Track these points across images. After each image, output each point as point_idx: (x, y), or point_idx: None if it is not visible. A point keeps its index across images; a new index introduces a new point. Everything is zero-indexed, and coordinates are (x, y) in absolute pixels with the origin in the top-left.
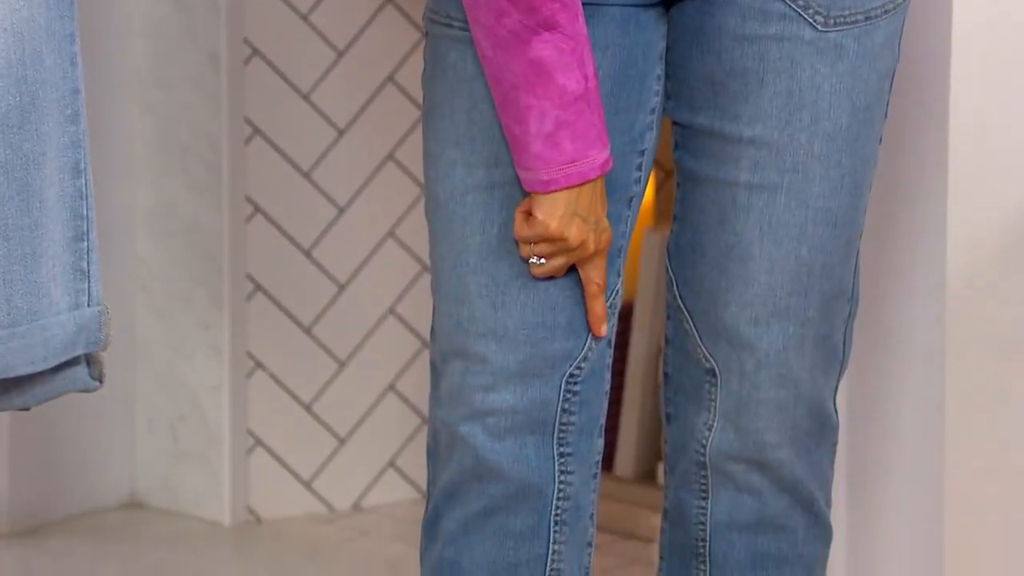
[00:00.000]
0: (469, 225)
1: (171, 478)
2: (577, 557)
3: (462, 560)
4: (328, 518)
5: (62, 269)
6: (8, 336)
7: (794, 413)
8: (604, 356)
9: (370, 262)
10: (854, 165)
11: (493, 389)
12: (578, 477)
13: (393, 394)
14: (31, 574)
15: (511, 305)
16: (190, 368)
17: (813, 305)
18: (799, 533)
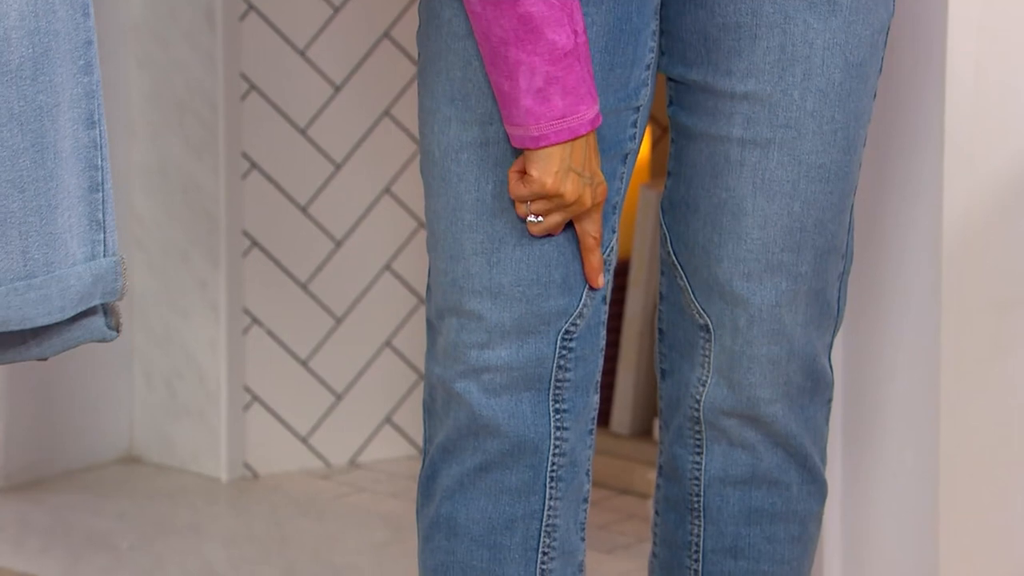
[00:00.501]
0: (464, 182)
1: (168, 434)
2: (573, 513)
3: (458, 516)
4: (324, 474)
5: (78, 220)
6: (25, 287)
7: (787, 368)
8: (599, 312)
9: (366, 218)
10: (847, 121)
11: (488, 346)
12: (574, 433)
13: (389, 350)
14: (28, 528)
15: (506, 262)
16: (187, 325)
17: (806, 261)
18: (793, 489)
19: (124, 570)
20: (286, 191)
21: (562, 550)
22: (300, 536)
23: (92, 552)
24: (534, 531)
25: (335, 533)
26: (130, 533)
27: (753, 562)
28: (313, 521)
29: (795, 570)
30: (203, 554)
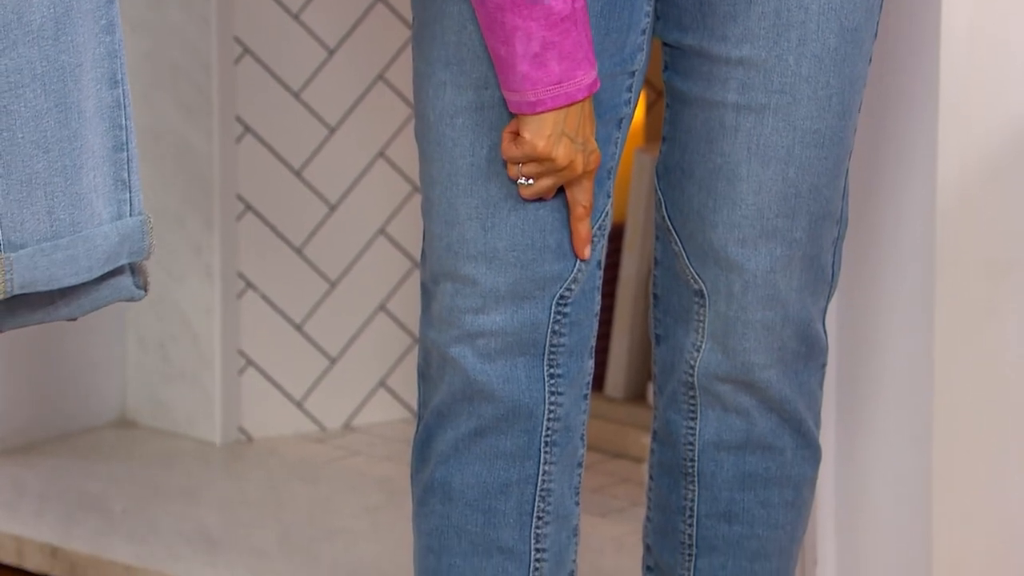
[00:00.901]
0: (459, 147)
1: (162, 397)
2: (568, 478)
3: (453, 480)
4: (319, 437)
5: (103, 180)
6: (52, 248)
7: (781, 334)
8: (594, 278)
9: (361, 182)
10: (842, 87)
11: (483, 311)
12: (568, 398)
13: (384, 314)
14: (22, 492)
15: (501, 227)
16: (181, 289)
17: (800, 226)
18: (787, 454)
19: (118, 533)
20: (280, 155)
21: (556, 514)
22: (294, 500)
23: (86, 515)
24: (529, 495)
25: (329, 496)
26: (124, 496)
27: (747, 526)
28: (307, 484)
29: (789, 535)
30: (197, 518)
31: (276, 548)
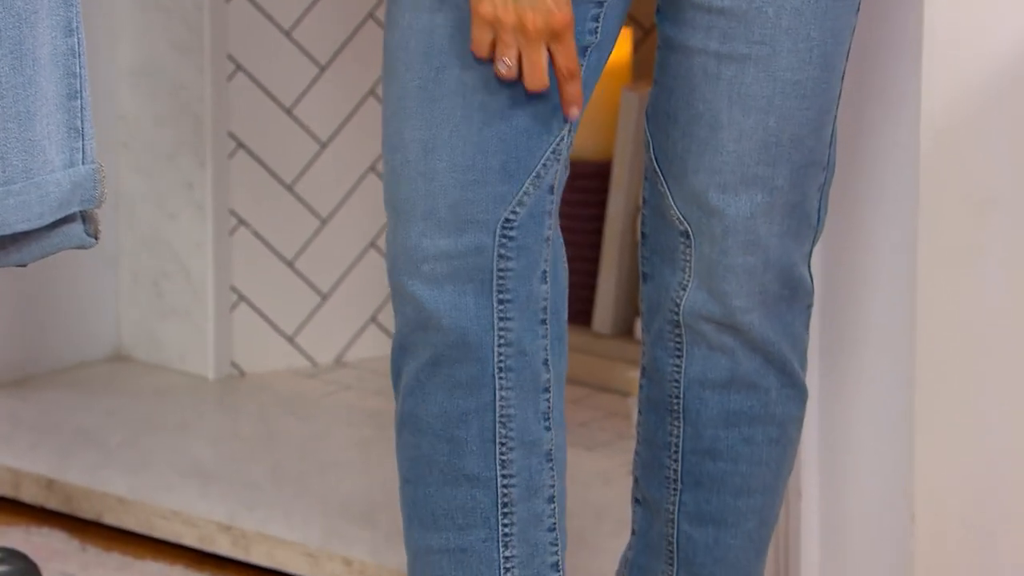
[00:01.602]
0: (410, 71)
1: (156, 333)
2: (531, 403)
3: (419, 412)
4: (311, 372)
5: (56, 127)
6: (4, 194)
7: (763, 278)
8: (544, 202)
9: (351, 121)
10: (824, 39)
11: (426, 235)
12: (520, 323)
13: (374, 250)
14: (18, 425)
15: (442, 148)
16: (173, 226)
17: (782, 175)
18: (772, 393)
19: (113, 466)
20: (271, 93)
21: (521, 440)
22: (286, 433)
23: (81, 448)
24: (488, 423)
25: (321, 430)
26: (119, 430)
27: (731, 463)
28: (299, 419)
29: (774, 471)
30: (191, 451)
31: (268, 480)
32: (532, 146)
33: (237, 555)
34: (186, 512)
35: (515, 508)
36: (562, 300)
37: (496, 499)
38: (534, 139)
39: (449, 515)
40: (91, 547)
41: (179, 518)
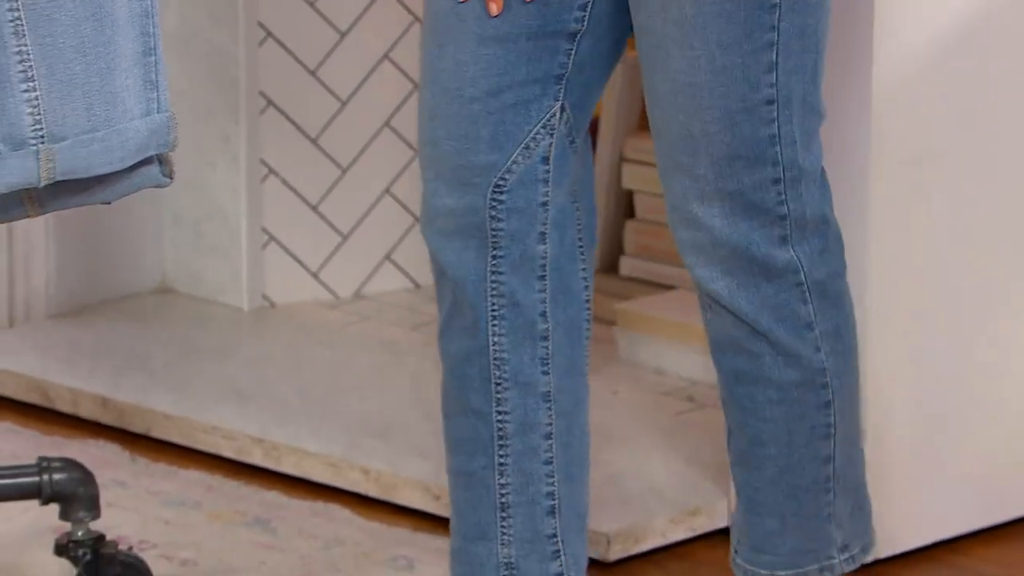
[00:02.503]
0: (425, 50)
1: (196, 269)
2: (528, 349)
3: (444, 351)
4: (333, 304)
5: (134, 80)
6: (90, 140)
7: (715, 254)
8: (535, 171)
9: (368, 80)
10: (709, 50)
11: (436, 194)
12: (513, 278)
13: (389, 196)
14: (76, 349)
15: (442, 117)
16: (212, 174)
17: (703, 164)
18: (765, 358)
19: (159, 387)
20: (297, 56)
21: (515, 381)
22: (312, 359)
23: (132, 371)
24: (485, 364)
25: (343, 356)
26: (164, 354)
27: (741, 415)
28: (323, 346)
29: (783, 427)
30: (228, 373)
31: (296, 399)
32: (519, 120)
33: (269, 465)
34: (224, 427)
35: (510, 441)
36: (569, 259)
37: (493, 432)
38: (521, 114)
39: (460, 442)
40: (140, 458)
41: (218, 432)
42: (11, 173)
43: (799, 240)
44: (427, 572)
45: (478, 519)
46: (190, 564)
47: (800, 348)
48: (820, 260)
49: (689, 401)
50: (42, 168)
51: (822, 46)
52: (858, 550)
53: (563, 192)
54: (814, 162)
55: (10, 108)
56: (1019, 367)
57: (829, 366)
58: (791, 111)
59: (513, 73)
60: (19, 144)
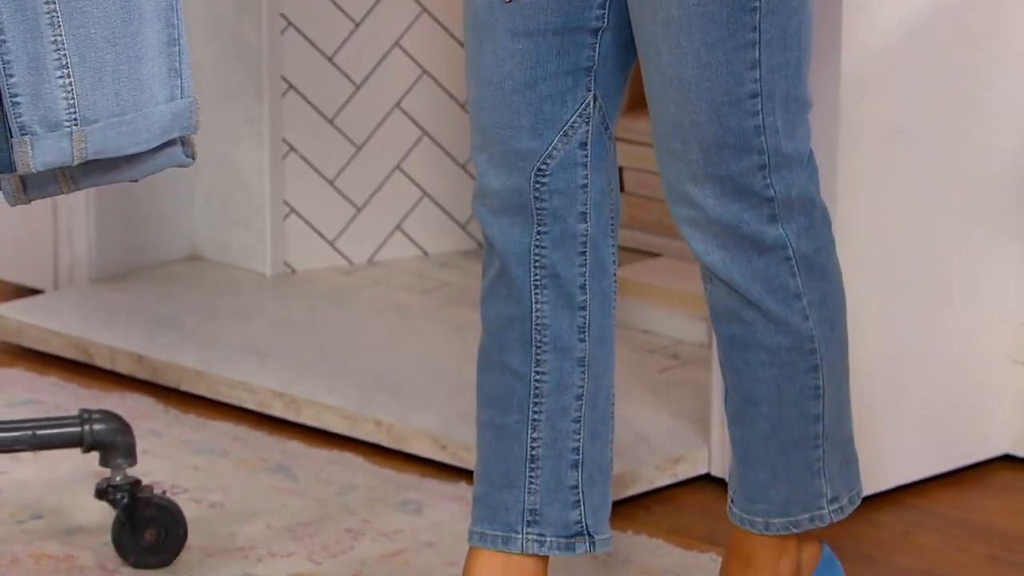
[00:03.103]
0: (467, 43)
1: (223, 238)
2: (567, 317)
3: (486, 315)
4: (348, 270)
5: (159, 69)
6: (119, 123)
7: (708, 230)
8: (574, 155)
9: (380, 66)
10: (694, 47)
11: (487, 176)
12: (556, 253)
13: (399, 172)
14: (115, 311)
15: (488, 109)
16: (238, 152)
17: (693, 151)
18: (757, 325)
19: (188, 344)
20: (316, 44)
21: (554, 346)
22: (329, 320)
23: (164, 330)
24: (527, 329)
25: (357, 318)
26: (194, 316)
27: (736, 377)
28: (339, 308)
29: (775, 388)
30: (251, 334)
31: (314, 357)
32: (557, 110)
33: (289, 417)
34: (248, 382)
35: (544, 400)
36: (603, 236)
37: (529, 391)
38: (558, 104)
39: (495, 398)
40: (172, 410)
41: (242, 387)
42: (47, 153)
43: (787, 219)
44: (434, 515)
45: (507, 469)
46: (217, 506)
47: (789, 317)
48: (807, 237)
49: (674, 359)
50: (75, 148)
51: (805, 44)
52: (846, 501)
53: (601, 175)
54: (799, 148)
55: (46, 93)
56: (976, 328)
57: (816, 333)
58: (774, 104)
59: (545, 66)
60: (54, 126)
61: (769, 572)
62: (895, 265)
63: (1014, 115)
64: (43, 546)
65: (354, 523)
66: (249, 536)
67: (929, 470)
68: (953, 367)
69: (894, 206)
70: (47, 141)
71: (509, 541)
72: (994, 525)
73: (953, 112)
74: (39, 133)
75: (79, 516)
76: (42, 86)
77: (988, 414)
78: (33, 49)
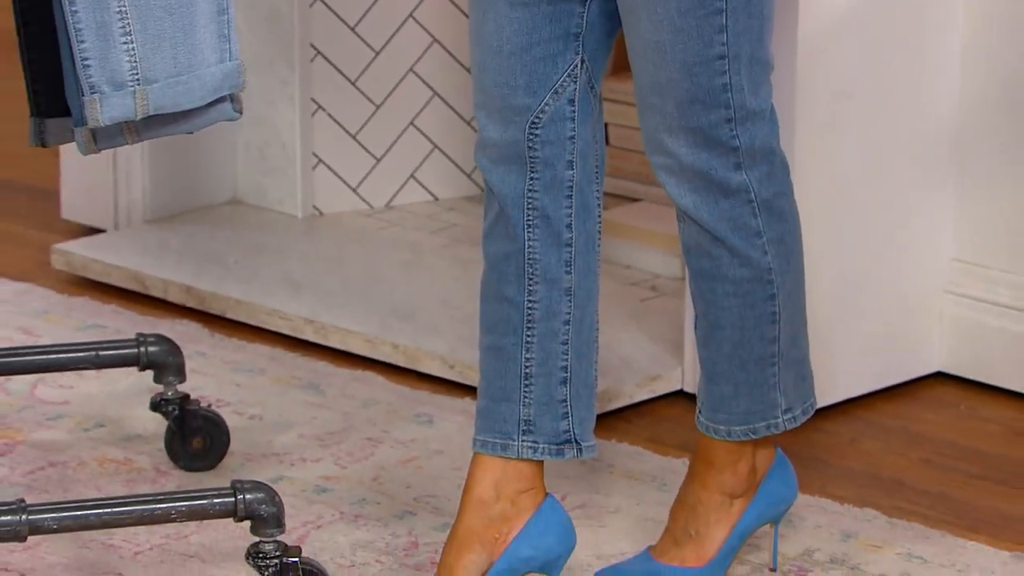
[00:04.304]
0: (472, 12)
1: (261, 184)
2: (555, 253)
3: (487, 251)
4: (368, 213)
5: (210, 35)
6: (176, 82)
7: (681, 176)
8: (563, 111)
9: (397, 35)
10: (671, 15)
11: (487, 128)
12: (545, 196)
13: (413, 127)
14: (167, 248)
15: (488, 70)
16: (273, 110)
17: (669, 106)
18: (723, 260)
19: (231, 277)
20: (340, 16)
21: (544, 278)
22: (352, 256)
23: (209, 265)
24: (521, 262)
25: (376, 254)
26: (235, 252)
27: (704, 305)
28: (361, 245)
29: (737, 314)
30: (285, 268)
31: (340, 289)
32: (548, 71)
33: (319, 340)
34: (282, 310)
35: (536, 325)
36: (589, 182)
37: (523, 317)
38: (549, 66)
39: (494, 324)
40: (217, 334)
41: (278, 314)
42: (114, 109)
43: (750, 166)
44: (443, 426)
45: (504, 385)
46: (256, 418)
47: (750, 252)
48: (767, 182)
49: (652, 290)
50: (138, 105)
51: (767, 13)
52: (799, 412)
53: (587, 128)
54: (762, 104)
55: (112, 57)
56: (915, 263)
57: (774, 267)
58: (740, 64)
59: (539, 32)
60: (120, 86)
61: (730, 472)
62: (845, 208)
63: (948, 78)
64: (105, 451)
65: (374, 433)
66: (283, 443)
67: (873, 385)
68: (895, 296)
69: (844, 156)
70: (113, 99)
71: (507, 448)
72: (928, 433)
73: (895, 74)
74: (106, 92)
75: (136, 426)
76: (109, 51)
77: (924, 337)
78: (101, 18)
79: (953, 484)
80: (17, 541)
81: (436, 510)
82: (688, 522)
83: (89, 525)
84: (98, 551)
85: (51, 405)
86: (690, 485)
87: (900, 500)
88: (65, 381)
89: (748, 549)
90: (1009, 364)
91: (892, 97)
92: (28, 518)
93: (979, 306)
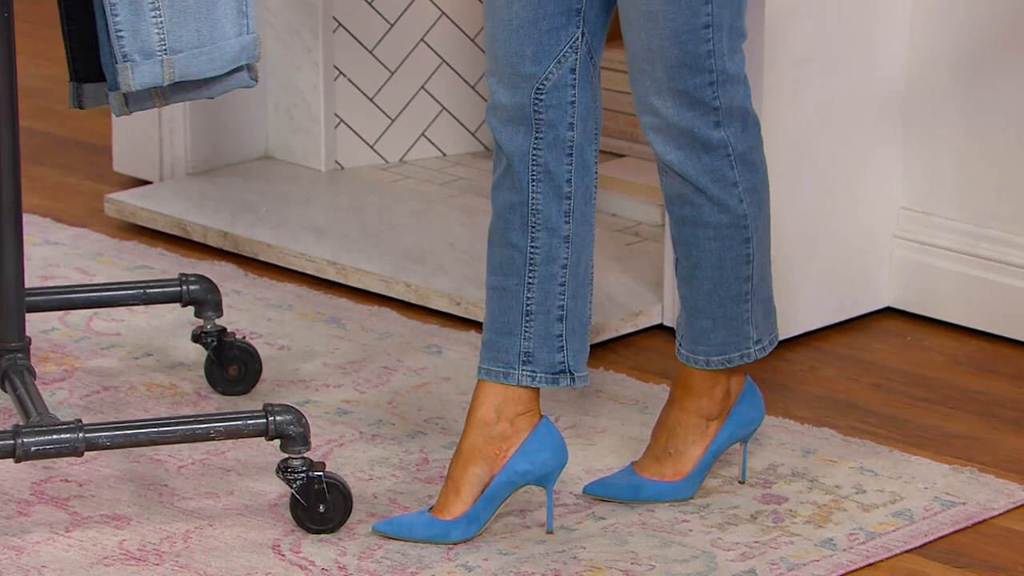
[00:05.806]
0: None
1: (288, 142)
2: (555, 204)
3: (495, 201)
4: (384, 167)
5: (230, 11)
6: (199, 52)
7: (667, 135)
8: (567, 79)
9: (409, 8)
10: None
11: (497, 92)
12: (548, 154)
13: (424, 91)
14: (205, 199)
15: (500, 41)
16: (299, 75)
17: (659, 69)
18: (704, 207)
19: (263, 224)
20: None
21: (546, 227)
22: (369, 205)
23: (244, 213)
24: (525, 212)
25: (391, 204)
26: (266, 202)
27: (686, 248)
28: (377, 196)
29: (716, 255)
30: (310, 216)
31: (358, 234)
32: (552, 42)
33: (340, 280)
34: (308, 253)
35: (537, 268)
36: (587, 142)
37: (525, 260)
38: (554, 38)
39: (499, 266)
40: (250, 274)
41: (304, 257)
42: (144, 75)
43: (727, 124)
44: (451, 356)
45: (507, 320)
46: (285, 348)
47: (728, 200)
48: (742, 138)
49: (635, 236)
50: (165, 72)
51: None
52: (767, 343)
53: (587, 94)
54: (738, 69)
55: (143, 29)
56: (867, 210)
57: (749, 213)
58: (722, 33)
59: (545, 7)
60: (149, 55)
61: (706, 396)
62: (806, 160)
63: (897, 45)
64: (153, 377)
65: (389, 362)
66: (309, 371)
67: (829, 319)
68: (849, 239)
69: (804, 115)
70: (144, 67)
71: (508, 376)
72: (878, 361)
73: (850, 42)
74: (137, 60)
75: (179, 355)
76: (139, 23)
77: (875, 276)
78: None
79: (900, 406)
80: (75, 456)
81: (444, 430)
82: (668, 441)
83: (138, 442)
84: (147, 465)
85: (104, 336)
86: (670, 408)
87: (853, 420)
88: (117, 315)
89: (720, 465)
90: (950, 300)
91: (847, 62)
92: (85, 436)
93: (924, 249)
